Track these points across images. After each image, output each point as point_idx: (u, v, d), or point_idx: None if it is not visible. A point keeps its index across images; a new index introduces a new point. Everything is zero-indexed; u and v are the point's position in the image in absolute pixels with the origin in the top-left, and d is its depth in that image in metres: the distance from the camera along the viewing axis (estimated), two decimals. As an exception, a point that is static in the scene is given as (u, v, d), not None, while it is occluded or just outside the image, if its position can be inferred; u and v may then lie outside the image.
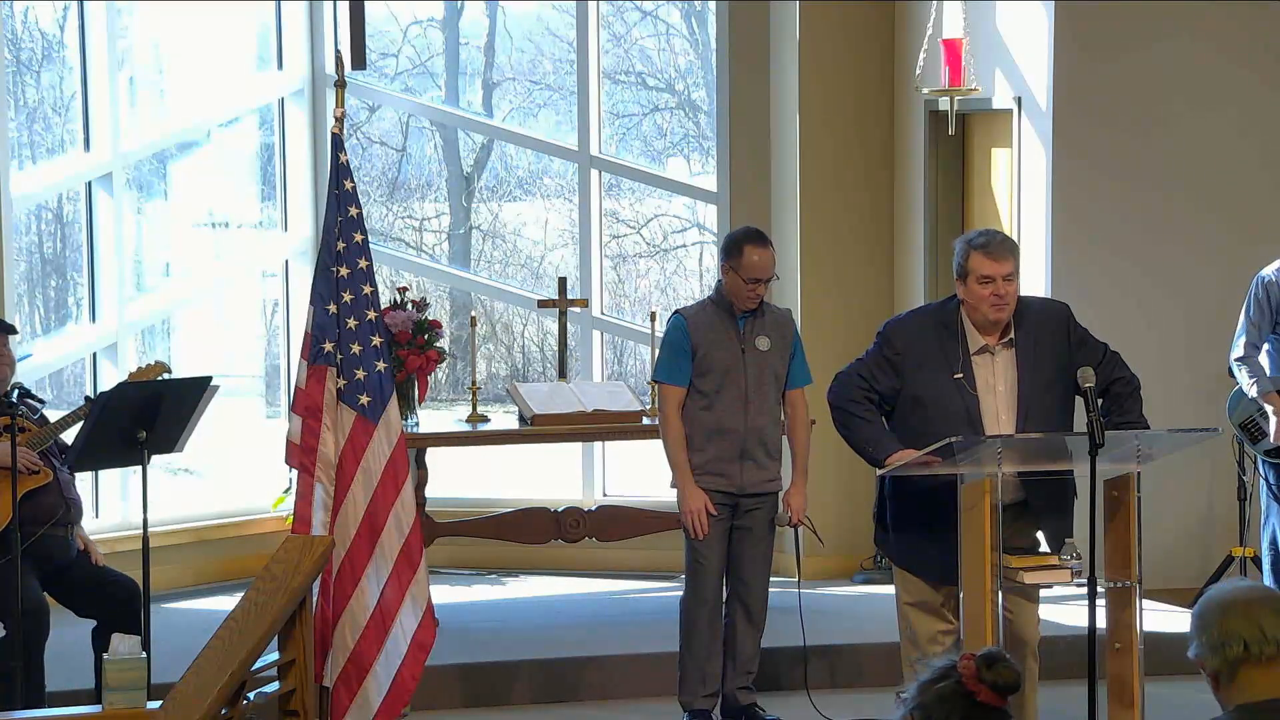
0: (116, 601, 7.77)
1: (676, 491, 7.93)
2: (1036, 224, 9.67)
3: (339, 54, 7.00)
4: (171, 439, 7.86)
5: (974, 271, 6.96)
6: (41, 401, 8.10)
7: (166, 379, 8.02)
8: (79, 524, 8.02)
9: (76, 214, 10.62)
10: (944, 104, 9.76)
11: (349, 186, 6.54)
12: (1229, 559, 9.58)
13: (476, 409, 9.71)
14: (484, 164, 12.56)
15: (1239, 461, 9.47)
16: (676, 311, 8.09)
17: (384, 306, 8.93)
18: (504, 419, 10.46)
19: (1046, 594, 7.37)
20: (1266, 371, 8.68)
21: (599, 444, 10.64)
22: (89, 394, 9.40)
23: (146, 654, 6.55)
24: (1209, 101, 9.77)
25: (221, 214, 11.30)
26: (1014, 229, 9.68)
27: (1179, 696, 8.35)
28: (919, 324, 7.20)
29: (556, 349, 10.05)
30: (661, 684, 8.32)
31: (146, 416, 7.64)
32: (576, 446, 10.68)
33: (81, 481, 8.58)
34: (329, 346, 6.42)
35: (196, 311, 11.26)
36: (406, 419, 9.08)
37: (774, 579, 8.16)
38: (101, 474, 9.91)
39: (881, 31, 10.42)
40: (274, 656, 6.00)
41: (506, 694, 8.60)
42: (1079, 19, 9.58)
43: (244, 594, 5.88)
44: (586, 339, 10.90)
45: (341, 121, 6.61)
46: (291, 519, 6.48)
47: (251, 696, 5.86)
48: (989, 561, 6.71)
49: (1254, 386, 8.67)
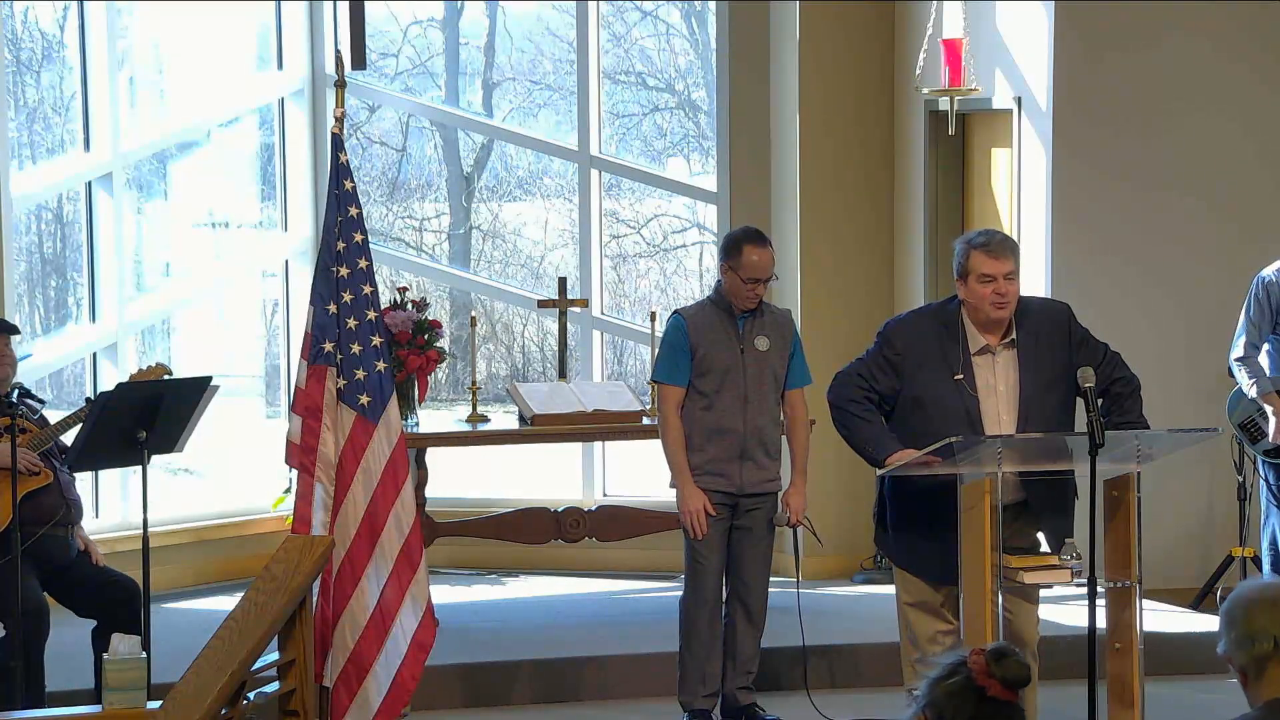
0: (116, 601, 7.77)
1: (676, 492, 7.93)
2: (1036, 224, 9.67)
3: (339, 54, 7.00)
4: (171, 439, 7.86)
5: (975, 270, 6.96)
6: (42, 402, 8.11)
7: (166, 379, 8.02)
8: (79, 524, 8.02)
9: (76, 214, 10.62)
10: (944, 104, 9.76)
11: (349, 186, 6.54)
12: (1229, 559, 9.58)
13: (476, 409, 9.71)
14: (484, 164, 12.57)
15: (1237, 462, 9.46)
16: (676, 312, 8.09)
17: (384, 306, 8.93)
18: (504, 419, 10.46)
19: (1046, 594, 7.38)
20: (1266, 372, 8.68)
21: (599, 444, 10.64)
22: (89, 394, 9.40)
23: (146, 654, 6.55)
24: (1209, 101, 9.77)
25: (221, 214, 11.30)
26: (1014, 229, 9.68)
27: (1179, 696, 8.35)
28: (919, 324, 7.19)
29: (556, 349, 10.05)
30: (661, 684, 8.32)
31: (146, 416, 7.64)
32: (576, 446, 10.68)
33: (81, 481, 8.58)
34: (329, 346, 6.42)
35: (196, 311, 11.26)
36: (406, 419, 9.08)
37: (774, 579, 8.16)
38: (101, 474, 9.91)
39: (881, 31, 10.42)
40: (274, 656, 6.00)
41: (506, 694, 8.60)
42: (1079, 19, 9.58)
43: (244, 594, 5.88)
44: (586, 339, 10.90)
45: (341, 121, 6.61)
46: (291, 519, 6.48)
47: (251, 696, 5.86)
48: (989, 561, 6.71)
49: (1253, 387, 8.67)
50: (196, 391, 7.87)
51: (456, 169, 12.45)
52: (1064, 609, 8.53)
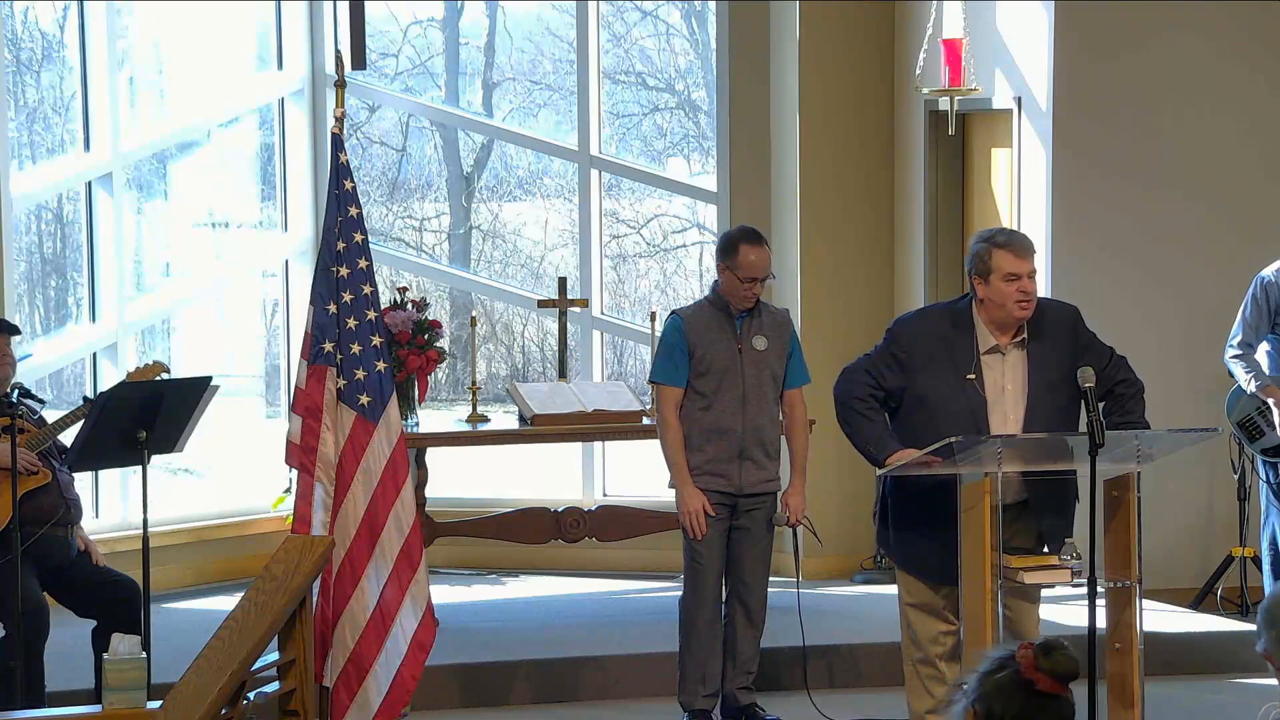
0: (116, 601, 7.77)
1: (674, 492, 7.93)
2: (1036, 224, 9.66)
3: (339, 54, 7.00)
4: (171, 439, 7.86)
5: (999, 269, 6.90)
6: (41, 402, 8.11)
7: (166, 379, 8.02)
8: (79, 524, 8.02)
9: (76, 214, 10.63)
10: (944, 104, 9.76)
11: (349, 186, 6.54)
12: (1229, 559, 9.58)
13: (476, 409, 9.70)
14: (484, 164, 12.57)
15: (1234, 461, 9.45)
16: (673, 312, 8.09)
17: (384, 306, 8.93)
18: (504, 419, 10.46)
19: (1046, 594, 7.37)
20: (1264, 369, 8.68)
21: (599, 444, 10.64)
22: (88, 394, 9.40)
23: (146, 654, 6.54)
24: (1209, 101, 9.78)
25: (221, 214, 11.30)
26: (1014, 229, 9.67)
27: (1179, 696, 8.35)
28: (928, 322, 7.16)
29: (556, 349, 10.05)
30: (661, 684, 8.32)
31: (146, 416, 7.64)
32: (576, 446, 10.68)
33: (81, 481, 8.58)
34: (329, 346, 6.42)
35: (196, 311, 11.26)
36: (406, 419, 9.08)
37: (773, 579, 8.15)
38: (101, 474, 9.91)
39: (881, 31, 10.42)
40: (274, 656, 6.00)
41: (506, 694, 8.60)
42: (1079, 19, 9.58)
43: (244, 594, 5.88)
44: (586, 339, 10.90)
45: (341, 121, 6.61)
46: (291, 519, 6.48)
47: (251, 696, 5.86)
48: (989, 561, 6.71)
49: (1252, 381, 8.68)
50: (196, 391, 7.87)
51: (456, 169, 12.45)
52: (1064, 609, 8.53)
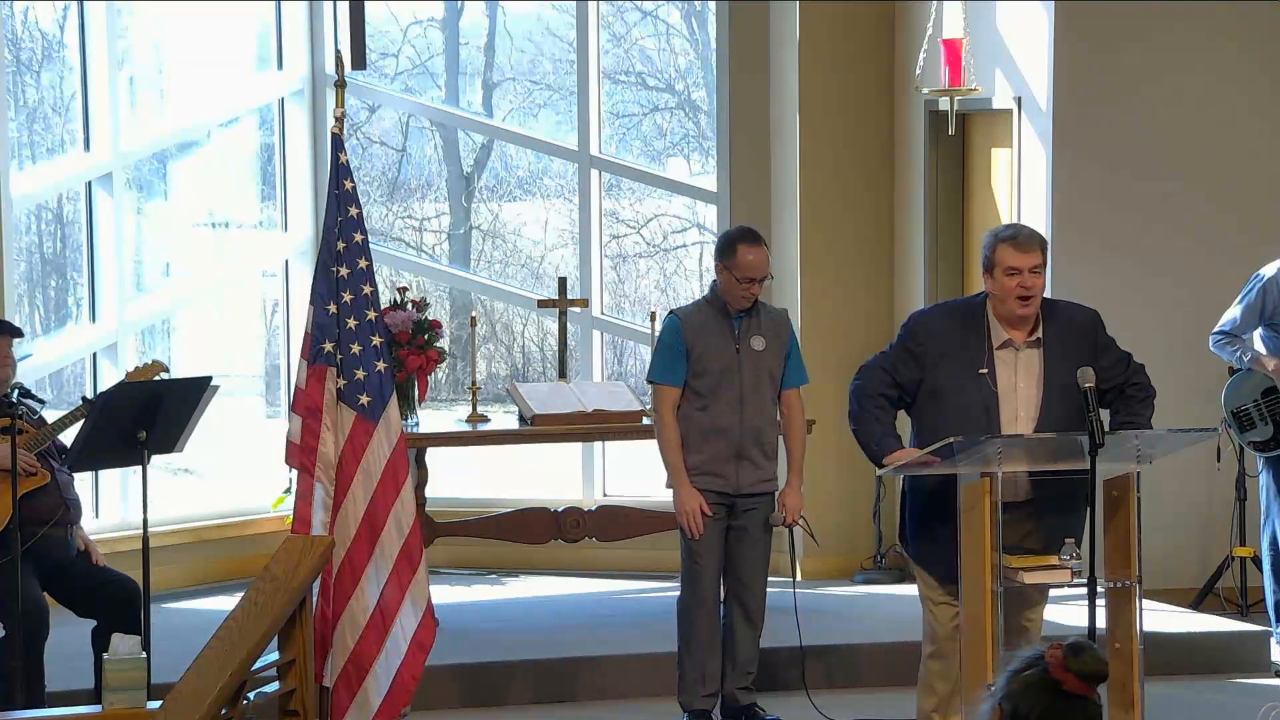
0: (116, 601, 7.77)
1: (672, 492, 7.93)
2: (1036, 224, 9.64)
3: (339, 54, 6.99)
4: (171, 439, 7.86)
5: (1001, 263, 6.92)
6: (41, 402, 8.11)
7: (166, 379, 8.02)
8: (79, 524, 8.02)
9: (76, 214, 10.63)
10: (944, 104, 9.76)
11: (349, 186, 6.54)
12: (1229, 559, 9.59)
13: (476, 409, 9.70)
14: (484, 164, 12.57)
15: (1219, 449, 9.43)
16: (671, 312, 8.08)
17: (384, 306, 8.93)
18: (504, 419, 10.46)
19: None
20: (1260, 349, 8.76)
21: (599, 444, 10.64)
22: (87, 394, 9.40)
23: (146, 654, 6.55)
24: (1210, 101, 9.78)
25: (221, 214, 11.31)
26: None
27: (1179, 696, 8.35)
28: (944, 317, 7.17)
29: (556, 349, 10.05)
30: (661, 684, 8.32)
31: (146, 416, 7.64)
32: (576, 446, 10.68)
33: (81, 481, 8.58)
34: (329, 346, 6.42)
35: (196, 311, 11.26)
36: (406, 419, 9.08)
37: (772, 579, 8.15)
38: (101, 474, 9.91)
39: (881, 31, 10.42)
40: (274, 656, 6.00)
41: (506, 694, 8.60)
42: (1079, 18, 9.58)
43: (244, 594, 5.88)
44: (586, 339, 10.90)
45: (341, 121, 6.61)
46: (291, 519, 6.48)
47: (251, 696, 5.86)
48: (989, 561, 6.70)
49: (1244, 355, 8.75)
50: (196, 391, 7.87)
51: (456, 169, 12.45)
52: (1064, 609, 8.53)
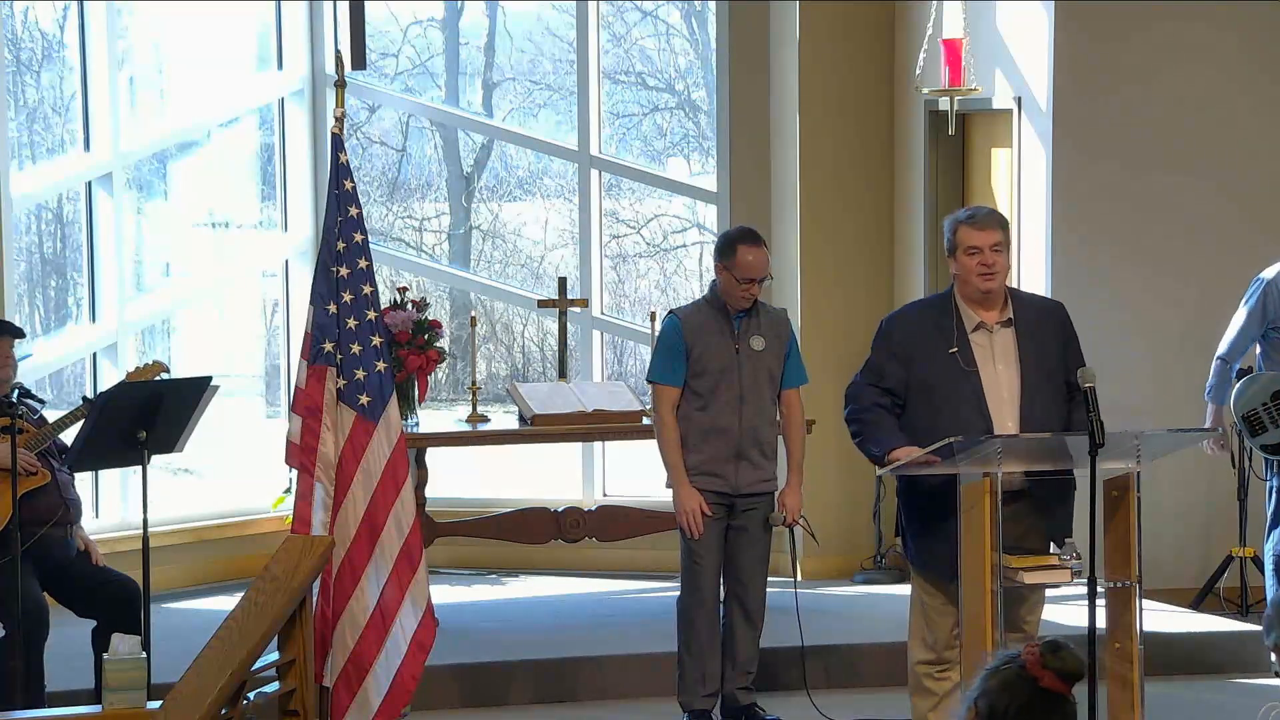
0: (116, 601, 7.77)
1: (671, 492, 7.93)
2: (1036, 224, 9.67)
3: (339, 54, 6.99)
4: (171, 439, 7.86)
5: (962, 244, 7.01)
6: (42, 402, 8.11)
7: (166, 379, 8.02)
8: (79, 524, 8.01)
9: (76, 214, 10.63)
10: (944, 104, 9.76)
11: (349, 186, 6.54)
12: (1229, 559, 9.58)
13: (476, 409, 9.70)
14: (484, 164, 12.57)
15: (1234, 454, 9.44)
16: (671, 312, 8.08)
17: (384, 306, 8.93)
18: (504, 419, 10.46)
19: (1047, 594, 7.36)
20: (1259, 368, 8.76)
21: (599, 444, 10.64)
22: (88, 394, 9.40)
23: (146, 654, 6.55)
24: (1210, 101, 9.77)
25: (221, 214, 11.30)
26: (1014, 229, 9.67)
27: (1179, 696, 8.35)
28: (914, 312, 7.30)
29: (556, 349, 10.05)
30: (661, 684, 8.32)
31: (146, 416, 7.64)
32: (576, 446, 10.68)
33: (81, 481, 8.57)
34: (329, 346, 6.42)
35: (196, 311, 11.26)
36: (406, 419, 9.08)
37: (772, 579, 8.15)
38: (101, 474, 9.91)
39: (881, 31, 10.42)
40: (274, 656, 6.00)
41: (506, 694, 8.60)
42: (1079, 18, 9.58)
43: (244, 594, 5.88)
44: (586, 339, 10.90)
45: (341, 121, 6.60)
46: (291, 519, 6.48)
47: (251, 696, 5.86)
48: (989, 561, 6.70)
49: (1209, 396, 8.84)
50: (196, 391, 7.87)
51: (456, 169, 12.45)
52: (1064, 609, 8.53)
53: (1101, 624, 6.81)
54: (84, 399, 8.20)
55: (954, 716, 4.07)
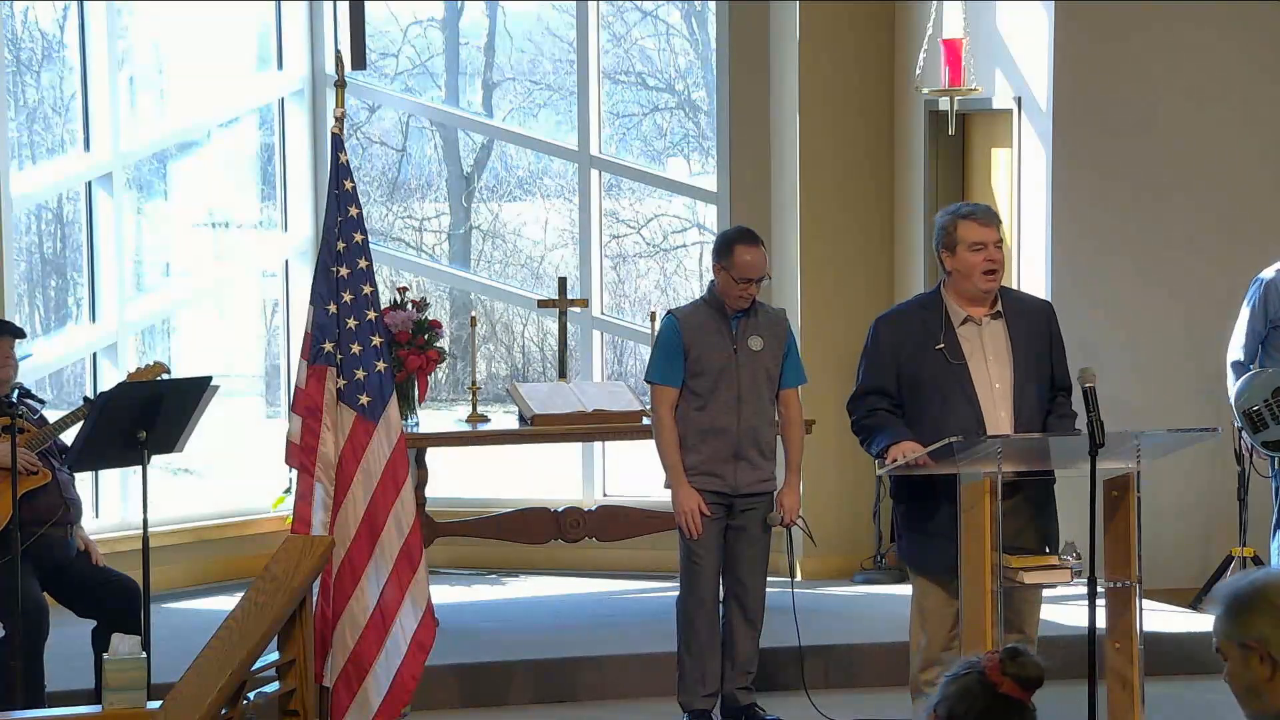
0: (116, 601, 7.77)
1: (670, 492, 7.93)
2: (1036, 224, 9.67)
3: (339, 54, 6.99)
4: (171, 439, 7.86)
5: (964, 240, 6.97)
6: (42, 402, 8.11)
7: (166, 379, 8.02)
8: (79, 524, 8.01)
9: (76, 214, 10.63)
10: (944, 104, 9.76)
11: (349, 186, 6.54)
12: (1229, 559, 9.58)
13: (476, 409, 9.70)
14: (484, 164, 12.57)
15: (1237, 450, 9.43)
16: (669, 312, 8.08)
17: (384, 306, 8.93)
18: (504, 419, 10.46)
19: (1047, 593, 7.36)
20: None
21: (599, 444, 10.64)
22: (88, 394, 9.40)
23: (146, 654, 6.54)
24: (1210, 101, 9.77)
25: (221, 214, 11.31)
26: (1014, 229, 9.69)
27: (1179, 696, 8.35)
28: (901, 311, 7.31)
29: (556, 349, 10.05)
30: (661, 684, 8.32)
31: (146, 416, 7.64)
32: (576, 446, 10.68)
33: (81, 481, 8.57)
34: (329, 346, 6.42)
35: (196, 311, 11.26)
36: (406, 419, 9.08)
37: (770, 578, 8.15)
38: (101, 474, 9.91)
39: (881, 31, 10.42)
40: (274, 656, 6.00)
41: (506, 694, 8.60)
42: (1079, 19, 9.58)
43: (244, 594, 5.88)
44: (586, 339, 10.90)
45: (341, 121, 6.60)
46: (291, 519, 6.48)
47: (251, 696, 5.86)
48: (989, 561, 6.70)
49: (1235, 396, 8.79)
50: (196, 391, 7.87)
51: (456, 169, 12.46)
52: (1064, 609, 8.53)
53: (1101, 624, 6.81)
54: (84, 399, 8.20)
55: None
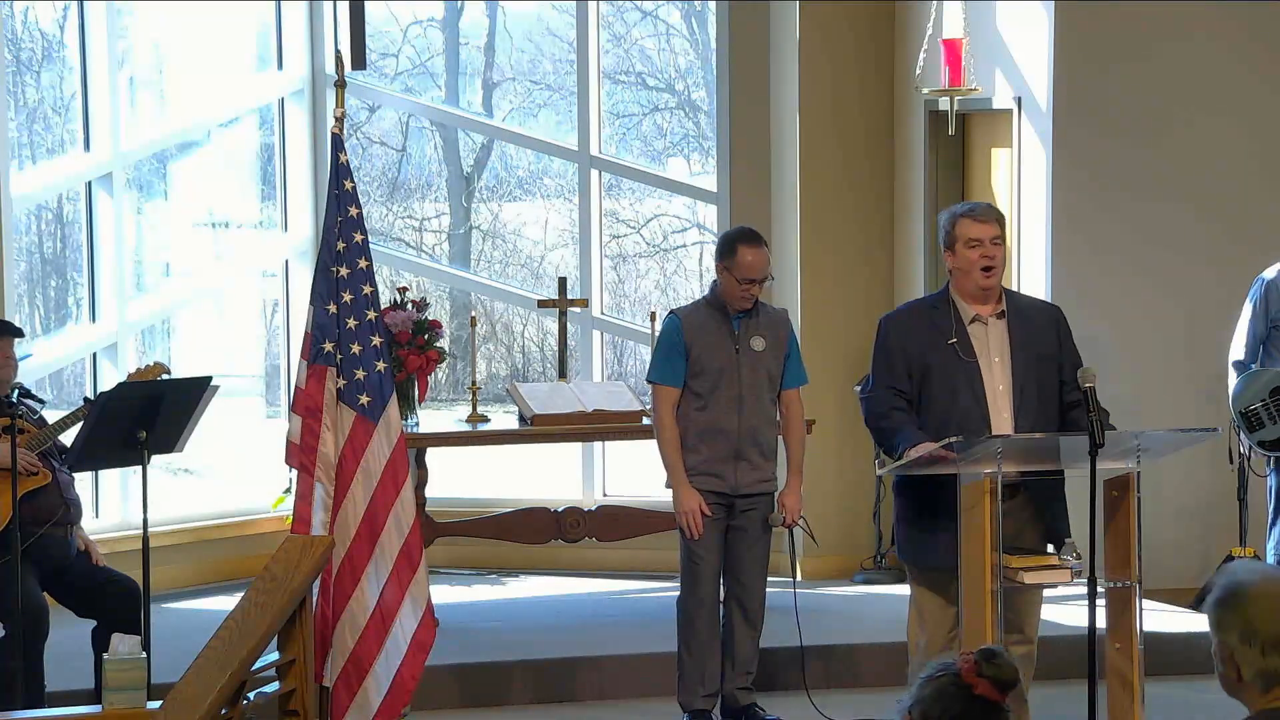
0: (116, 601, 7.77)
1: (671, 492, 7.93)
2: (1036, 224, 9.67)
3: (339, 54, 6.99)
4: (171, 439, 7.86)
5: (962, 237, 7.01)
6: (42, 402, 8.11)
7: (166, 379, 8.02)
8: (79, 524, 8.01)
9: (76, 214, 10.63)
10: (944, 104, 9.76)
11: (349, 186, 6.53)
12: (1229, 559, 9.57)
13: (476, 409, 9.70)
14: (484, 164, 12.57)
15: (1231, 449, 9.42)
16: (671, 312, 8.08)
17: (384, 306, 8.93)
18: (504, 419, 10.46)
19: (1047, 593, 7.36)
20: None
21: (599, 444, 10.64)
22: (88, 394, 9.40)
23: (146, 654, 6.55)
24: (1209, 102, 9.78)
25: (221, 214, 11.31)
26: (1014, 229, 9.69)
27: (1179, 696, 8.35)
28: (910, 310, 7.33)
29: (556, 349, 10.05)
30: (661, 684, 8.32)
31: (146, 416, 7.64)
32: (576, 446, 10.68)
33: (81, 481, 8.58)
34: (329, 346, 6.41)
35: (196, 311, 11.26)
36: (406, 419, 9.07)
37: (771, 579, 8.15)
38: (101, 474, 9.90)
39: (881, 31, 10.42)
40: (274, 656, 6.00)
41: (506, 694, 8.60)
42: (1079, 19, 9.58)
43: (244, 594, 5.88)
44: (586, 339, 10.90)
45: (341, 121, 6.60)
46: (291, 519, 6.48)
47: (251, 696, 5.86)
48: (989, 561, 6.70)
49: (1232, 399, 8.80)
50: (196, 391, 7.87)
51: (456, 169, 12.46)
52: (1064, 609, 8.53)
53: (1102, 624, 6.81)
54: (84, 399, 8.19)
55: None
